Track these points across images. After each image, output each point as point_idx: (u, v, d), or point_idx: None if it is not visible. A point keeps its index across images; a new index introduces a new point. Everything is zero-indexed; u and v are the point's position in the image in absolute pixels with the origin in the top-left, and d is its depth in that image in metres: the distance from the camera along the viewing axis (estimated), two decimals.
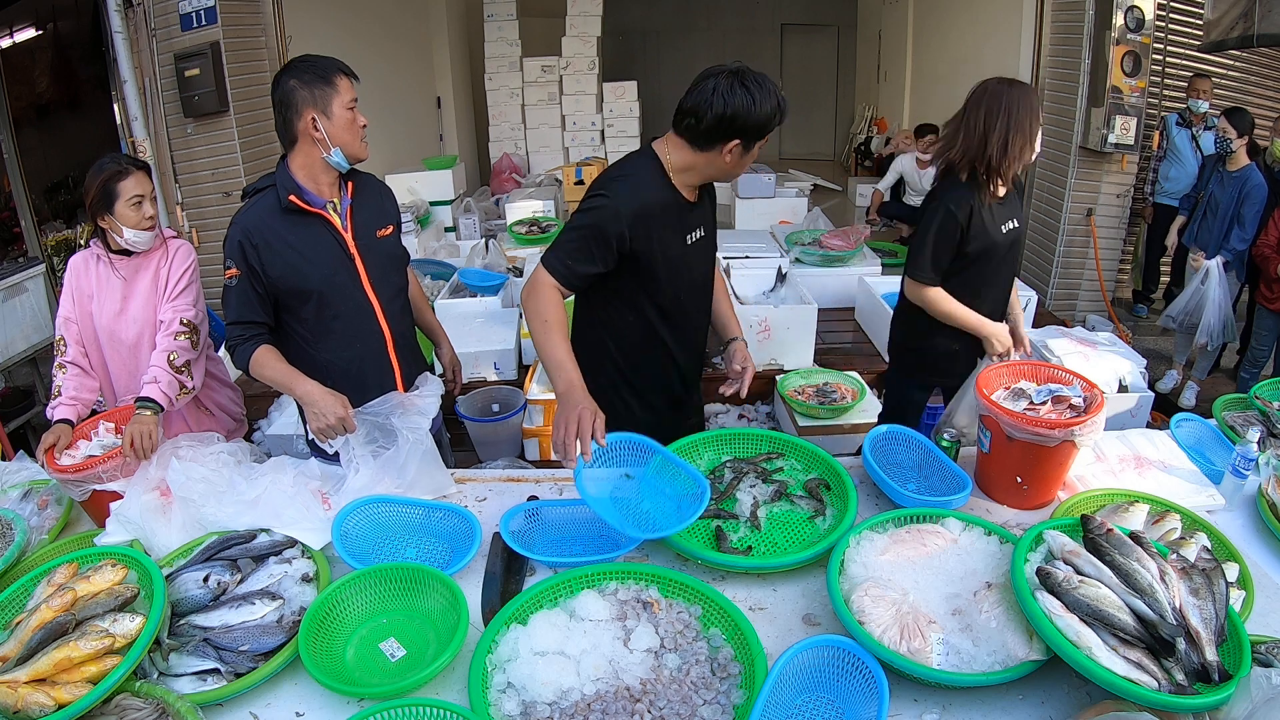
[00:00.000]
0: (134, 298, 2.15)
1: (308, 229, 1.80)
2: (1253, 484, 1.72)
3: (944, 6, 6.85)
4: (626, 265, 1.76)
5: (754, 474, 1.78)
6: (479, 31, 7.88)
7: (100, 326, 2.16)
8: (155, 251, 2.17)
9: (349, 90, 1.77)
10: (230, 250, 1.78)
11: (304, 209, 1.78)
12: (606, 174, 1.81)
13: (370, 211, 1.91)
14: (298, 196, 1.77)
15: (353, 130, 1.78)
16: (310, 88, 1.73)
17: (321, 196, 1.82)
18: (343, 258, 1.84)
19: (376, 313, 1.91)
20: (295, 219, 1.79)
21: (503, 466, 2.76)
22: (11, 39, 5.60)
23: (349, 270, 1.86)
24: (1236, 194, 3.88)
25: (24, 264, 4.06)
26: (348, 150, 1.79)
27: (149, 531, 1.59)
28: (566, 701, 1.21)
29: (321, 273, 1.82)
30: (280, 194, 1.77)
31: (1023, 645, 1.21)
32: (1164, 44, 4.87)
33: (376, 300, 1.90)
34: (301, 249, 1.80)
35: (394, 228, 1.97)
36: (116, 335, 2.17)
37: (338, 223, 1.83)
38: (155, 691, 1.21)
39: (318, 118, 1.73)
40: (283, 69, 1.77)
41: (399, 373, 1.98)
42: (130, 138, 4.30)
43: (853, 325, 4.39)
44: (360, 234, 1.87)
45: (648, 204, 1.73)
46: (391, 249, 1.97)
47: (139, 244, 2.11)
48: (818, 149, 10.69)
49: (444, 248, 5.46)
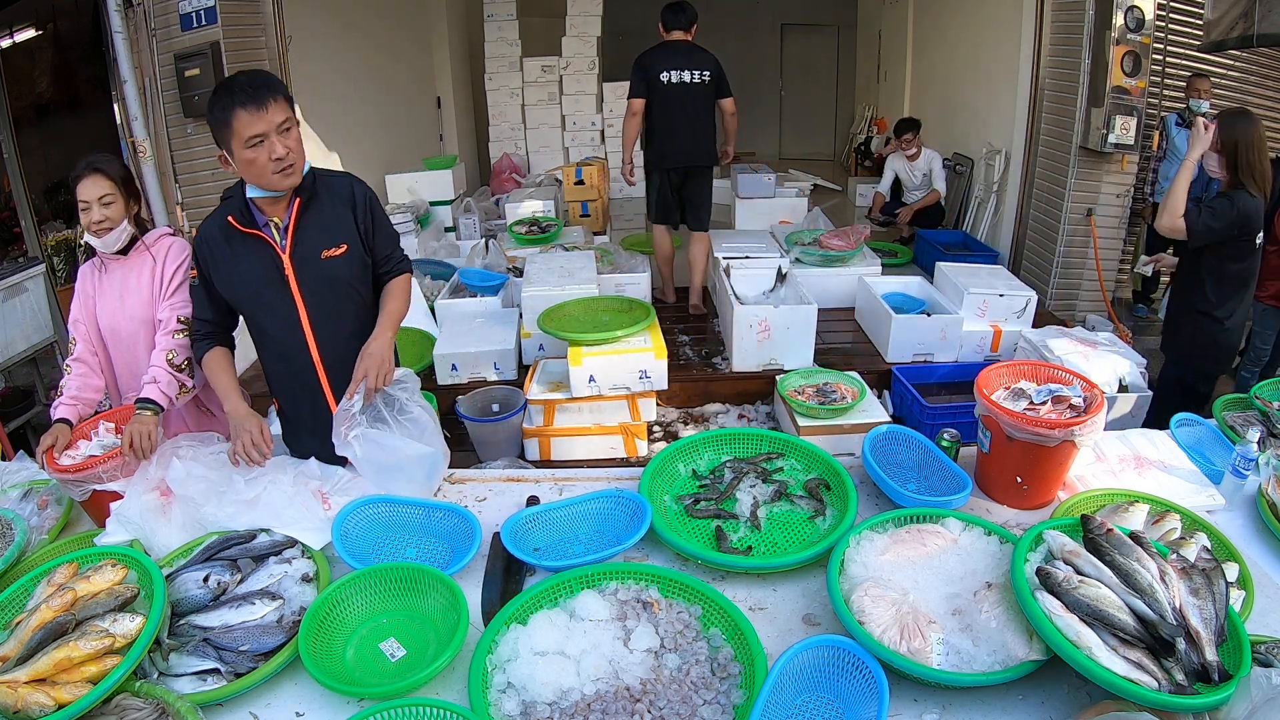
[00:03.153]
0: (129, 295, 2.18)
1: (248, 245, 1.82)
2: (1253, 484, 1.72)
3: (944, 6, 6.84)
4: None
5: (754, 474, 1.78)
6: (479, 31, 7.88)
7: (103, 325, 2.20)
8: (146, 250, 2.18)
9: (249, 126, 1.64)
10: (193, 252, 1.89)
11: (240, 230, 1.80)
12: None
13: (317, 231, 1.84)
14: (237, 217, 1.79)
15: (254, 169, 1.69)
16: (214, 125, 1.69)
17: (264, 215, 1.82)
18: (276, 277, 1.84)
19: (306, 333, 1.89)
20: (237, 234, 1.81)
21: (503, 466, 2.76)
22: (11, 39, 5.60)
23: (281, 289, 1.84)
24: None
25: (24, 264, 4.06)
26: (259, 184, 1.73)
27: (149, 531, 1.59)
28: (566, 701, 1.21)
29: (251, 289, 1.85)
30: (229, 210, 1.81)
31: (1023, 645, 1.21)
32: (1164, 44, 4.86)
33: (308, 321, 1.88)
34: (238, 263, 1.83)
35: (347, 247, 1.87)
36: (116, 332, 2.20)
37: (276, 242, 1.82)
38: (155, 691, 1.21)
39: (226, 154, 1.72)
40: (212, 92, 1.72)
41: (329, 392, 1.95)
42: (130, 138, 4.29)
43: (853, 325, 4.39)
44: (299, 253, 1.83)
45: None
46: (335, 270, 1.87)
47: (99, 247, 2.13)
48: (818, 149, 10.67)
49: (444, 248, 5.45)
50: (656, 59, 4.10)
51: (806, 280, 4.12)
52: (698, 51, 4.14)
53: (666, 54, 4.10)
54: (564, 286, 3.69)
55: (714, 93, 4.18)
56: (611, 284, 4.17)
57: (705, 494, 1.74)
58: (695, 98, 4.12)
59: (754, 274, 4.17)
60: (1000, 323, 3.89)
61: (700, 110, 4.15)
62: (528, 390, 3.35)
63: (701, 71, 4.10)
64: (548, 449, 3.40)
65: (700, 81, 4.10)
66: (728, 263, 4.21)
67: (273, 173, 1.70)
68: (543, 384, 3.40)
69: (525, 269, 4.05)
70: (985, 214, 5.67)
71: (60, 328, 3.99)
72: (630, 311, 3.47)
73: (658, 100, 4.12)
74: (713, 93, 4.17)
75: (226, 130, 1.66)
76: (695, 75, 4.09)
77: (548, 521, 1.65)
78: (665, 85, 4.07)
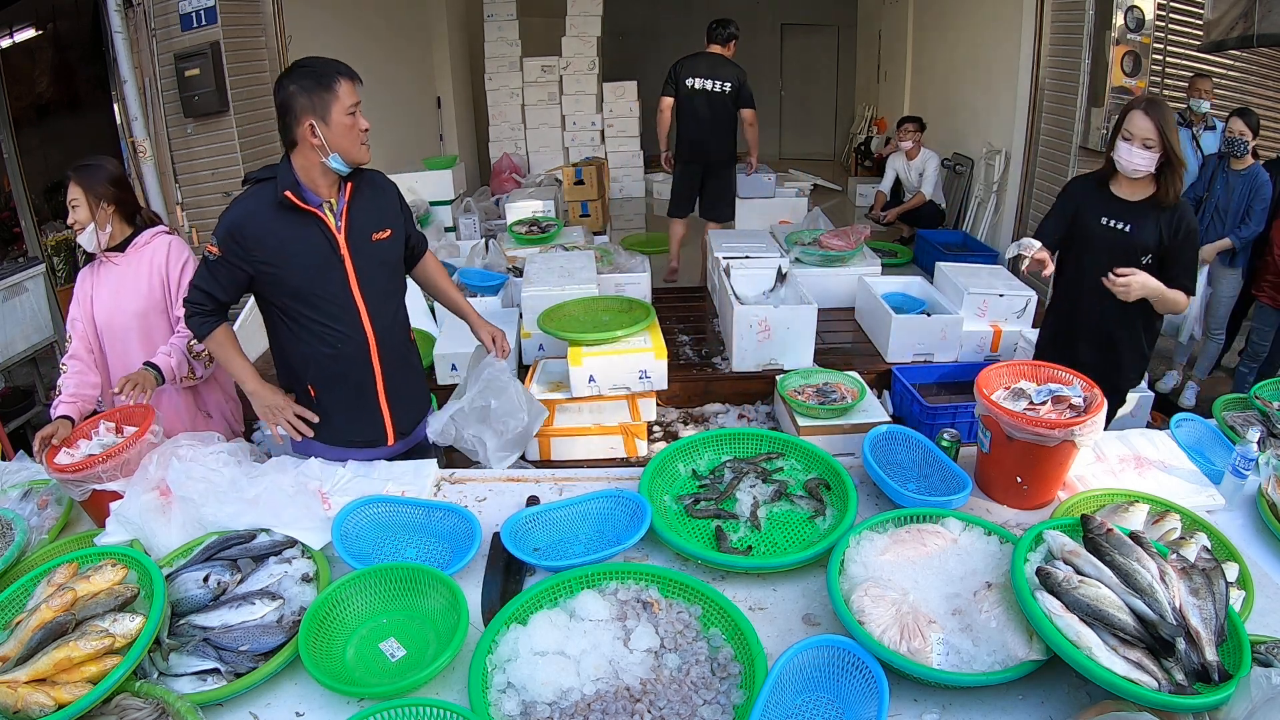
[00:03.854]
0: (124, 291, 2.24)
1: (300, 226, 1.82)
2: (1253, 484, 1.72)
3: (944, 6, 6.85)
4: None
5: (754, 474, 1.78)
6: (479, 31, 7.88)
7: (99, 321, 2.26)
8: (143, 247, 2.25)
9: (350, 95, 1.76)
10: (219, 231, 1.81)
11: (298, 206, 1.80)
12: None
13: (368, 214, 1.90)
14: (294, 193, 1.78)
15: (351, 136, 1.77)
16: (309, 94, 1.73)
17: (319, 196, 1.83)
18: (331, 258, 1.86)
19: (361, 315, 1.91)
20: (289, 214, 1.80)
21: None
22: (11, 39, 5.59)
23: (337, 270, 1.87)
24: (1247, 190, 3.90)
25: (24, 264, 4.06)
26: (346, 155, 1.79)
27: (149, 531, 1.59)
28: (566, 701, 1.21)
29: (306, 270, 1.84)
30: (279, 188, 1.79)
31: (1023, 645, 1.21)
32: (1164, 44, 4.86)
33: (363, 302, 1.91)
34: (290, 244, 1.82)
35: (392, 231, 1.96)
36: (111, 327, 2.26)
37: (331, 223, 1.84)
38: (155, 691, 1.21)
39: (316, 124, 1.74)
40: (284, 72, 1.78)
41: (380, 375, 1.98)
42: (130, 138, 4.30)
43: (853, 325, 4.39)
44: (354, 236, 1.87)
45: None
46: (385, 254, 1.95)
47: (85, 247, 2.24)
48: (818, 149, 10.68)
49: (444, 248, 5.44)
50: (686, 65, 4.63)
51: (806, 280, 4.12)
52: (725, 65, 4.61)
53: (695, 62, 4.62)
54: (564, 286, 3.69)
55: (734, 103, 4.63)
56: (611, 284, 4.17)
57: (705, 494, 1.74)
58: (714, 105, 4.60)
59: (754, 274, 4.17)
60: (1000, 323, 3.89)
61: (718, 116, 4.62)
62: (528, 390, 3.35)
63: (723, 83, 4.58)
64: (548, 449, 3.40)
65: (720, 91, 4.59)
66: (728, 263, 4.21)
67: (360, 143, 1.80)
68: (543, 384, 3.40)
69: (525, 269, 4.04)
70: (985, 214, 5.67)
71: (60, 328, 3.99)
72: (630, 311, 3.47)
73: (682, 102, 4.66)
74: (733, 103, 4.62)
75: (329, 96, 1.73)
76: (717, 85, 4.58)
77: (548, 521, 1.65)
78: (689, 90, 4.60)
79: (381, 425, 2.03)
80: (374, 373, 1.97)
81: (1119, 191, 2.30)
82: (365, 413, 2.00)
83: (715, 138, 4.68)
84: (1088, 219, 2.35)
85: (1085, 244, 2.37)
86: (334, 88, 1.74)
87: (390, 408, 2.02)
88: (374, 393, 1.98)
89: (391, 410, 2.03)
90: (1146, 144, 2.14)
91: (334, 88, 1.74)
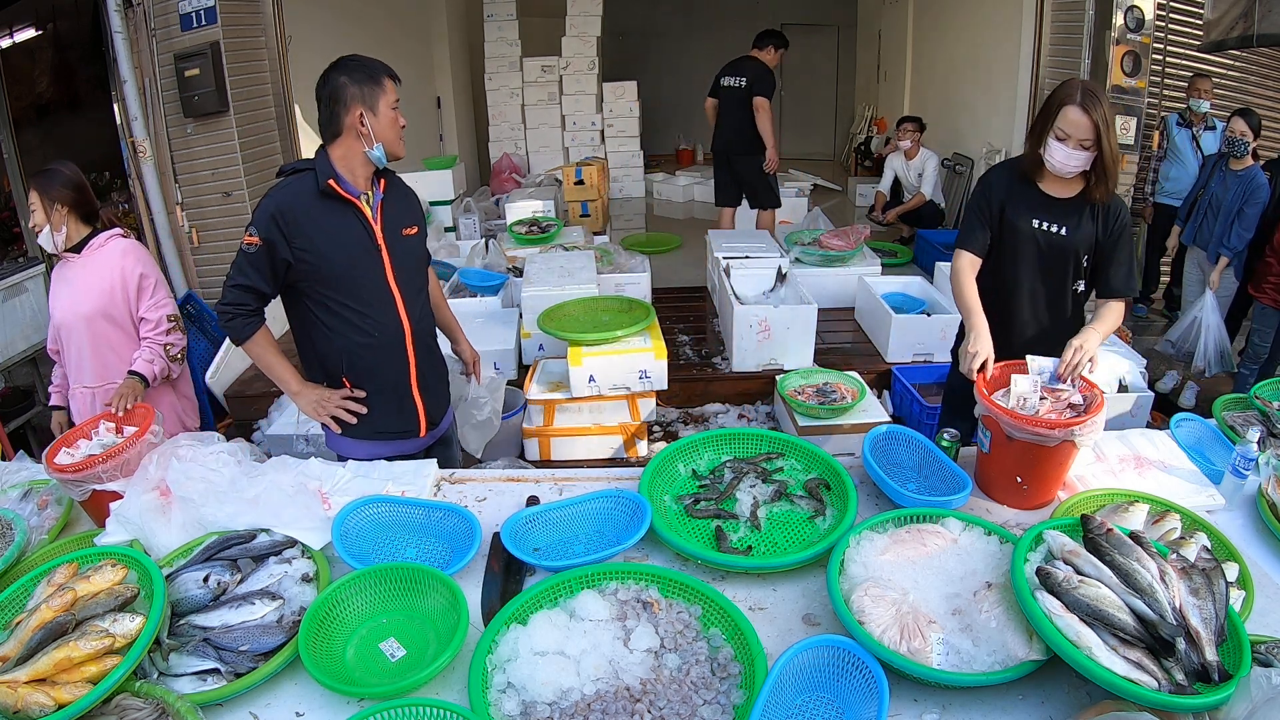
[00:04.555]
0: (79, 292, 2.34)
1: (340, 215, 1.86)
2: (1253, 484, 1.72)
3: (944, 6, 6.85)
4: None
5: (754, 474, 1.78)
6: (479, 31, 7.88)
7: (56, 319, 2.40)
8: (98, 249, 2.34)
9: (393, 91, 1.87)
10: (259, 219, 1.81)
11: (340, 195, 1.84)
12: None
13: (399, 210, 1.97)
14: (336, 182, 1.83)
15: (394, 129, 1.87)
16: (360, 85, 1.81)
17: (357, 187, 1.88)
18: (370, 247, 1.90)
19: (398, 305, 1.96)
20: (329, 204, 1.85)
21: (503, 466, 2.76)
22: (11, 39, 5.60)
23: (375, 260, 1.91)
24: (1242, 192, 3.90)
25: (24, 264, 4.06)
26: (389, 147, 1.87)
27: (149, 531, 1.59)
28: (566, 701, 1.21)
29: (347, 258, 1.88)
30: (319, 178, 1.83)
31: (1023, 645, 1.21)
32: (1164, 44, 4.87)
33: (399, 293, 1.96)
34: (331, 232, 1.85)
35: (418, 229, 2.04)
36: (67, 326, 2.37)
37: (369, 214, 1.90)
38: (155, 691, 1.21)
39: (365, 114, 1.81)
40: (332, 66, 1.84)
41: (414, 366, 2.02)
42: (130, 138, 4.30)
43: (853, 325, 4.39)
44: (388, 228, 1.93)
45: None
46: (416, 248, 2.04)
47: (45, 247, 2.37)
48: (818, 149, 10.67)
49: (444, 248, 5.45)
50: (725, 68, 5.14)
51: (806, 280, 4.12)
52: (747, 63, 5.05)
53: (730, 64, 5.12)
54: (564, 286, 3.69)
55: (749, 95, 4.96)
56: (611, 284, 4.17)
57: (705, 494, 1.74)
58: (734, 100, 5.03)
59: (754, 274, 4.17)
60: None
61: (737, 109, 5.02)
62: (527, 390, 3.35)
63: (741, 78, 5.00)
64: (548, 449, 3.40)
65: (738, 86, 5.00)
66: (728, 263, 4.21)
67: (400, 138, 1.89)
68: (543, 384, 3.40)
69: (525, 269, 4.04)
70: None
71: None
72: (630, 311, 3.47)
73: (720, 100, 5.13)
74: (748, 95, 4.96)
75: (377, 89, 1.83)
76: (736, 81, 5.02)
77: (548, 521, 1.65)
78: (721, 88, 5.12)
79: (415, 416, 2.07)
80: (409, 363, 2.01)
81: (1048, 189, 2.04)
82: (400, 403, 2.03)
83: (734, 131, 5.08)
84: (1017, 221, 2.06)
85: (1016, 249, 2.08)
86: (382, 81, 1.84)
87: (423, 398, 2.06)
88: (408, 383, 2.03)
89: (424, 400, 2.07)
90: (1084, 144, 1.89)
91: (382, 81, 1.84)
